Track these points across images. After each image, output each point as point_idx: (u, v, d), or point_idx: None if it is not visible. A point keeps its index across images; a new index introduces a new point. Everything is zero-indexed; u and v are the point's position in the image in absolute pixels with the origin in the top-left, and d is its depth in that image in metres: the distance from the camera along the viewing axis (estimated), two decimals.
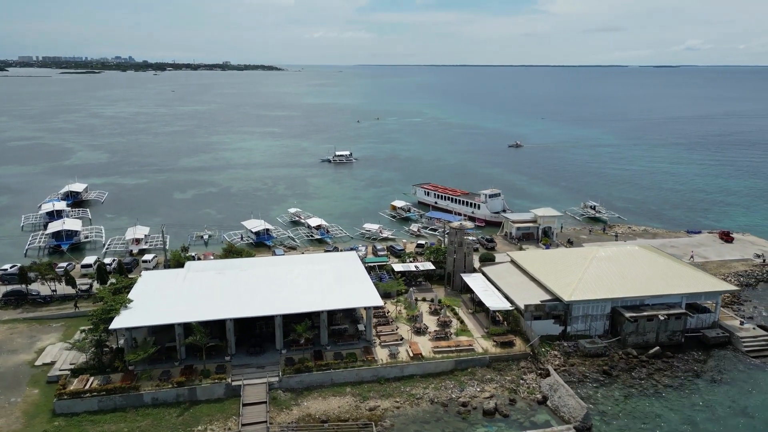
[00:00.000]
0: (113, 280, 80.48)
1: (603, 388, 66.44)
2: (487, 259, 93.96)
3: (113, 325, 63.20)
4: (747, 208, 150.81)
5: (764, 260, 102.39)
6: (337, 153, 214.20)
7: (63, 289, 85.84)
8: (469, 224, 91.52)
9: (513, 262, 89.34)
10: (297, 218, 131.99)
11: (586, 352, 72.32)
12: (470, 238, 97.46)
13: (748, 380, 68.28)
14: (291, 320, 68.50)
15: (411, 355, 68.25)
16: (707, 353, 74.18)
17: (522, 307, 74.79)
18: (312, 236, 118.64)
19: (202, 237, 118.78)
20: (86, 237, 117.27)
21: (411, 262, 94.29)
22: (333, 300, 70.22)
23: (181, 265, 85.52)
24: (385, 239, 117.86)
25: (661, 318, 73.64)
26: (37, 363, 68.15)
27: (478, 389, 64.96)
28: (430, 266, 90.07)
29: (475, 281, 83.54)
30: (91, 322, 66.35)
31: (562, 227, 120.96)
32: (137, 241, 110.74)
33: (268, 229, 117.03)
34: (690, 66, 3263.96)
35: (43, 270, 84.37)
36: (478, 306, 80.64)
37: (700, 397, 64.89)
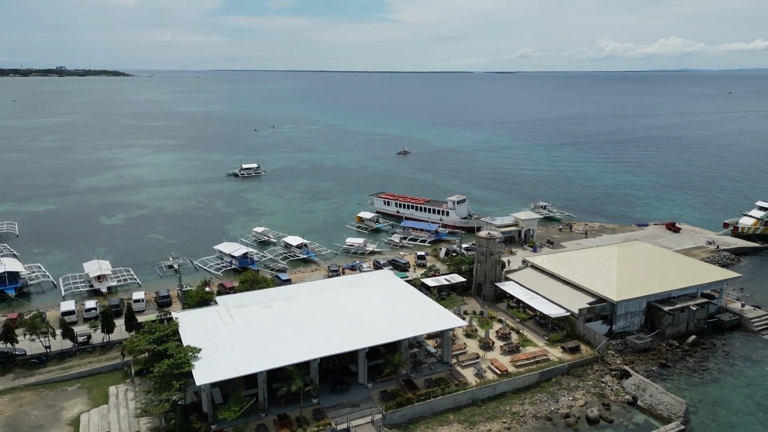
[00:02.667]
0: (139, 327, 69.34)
1: (669, 380, 70.66)
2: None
3: (201, 381, 54.26)
4: (660, 200, 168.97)
5: (717, 246, 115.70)
6: (244, 166, 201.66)
7: (58, 344, 72.18)
8: (497, 234, 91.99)
9: (534, 267, 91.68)
10: (266, 237, 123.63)
11: (636, 348, 76.42)
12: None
13: None
14: (371, 351, 64.12)
15: (499, 372, 67.20)
16: (726, 336, 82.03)
17: (576, 311, 77.08)
18: (295, 256, 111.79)
19: (172, 267, 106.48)
20: (31, 278, 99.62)
21: (433, 275, 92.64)
22: (414, 326, 66.75)
23: (206, 302, 76.10)
24: (372, 253, 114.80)
25: (693, 309, 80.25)
26: None
27: (570, 398, 65.83)
28: (460, 278, 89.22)
29: (512, 289, 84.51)
30: (156, 379, 56.46)
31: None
32: (102, 278, 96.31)
33: (246, 253, 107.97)
34: (525, 72, 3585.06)
35: (37, 324, 69.94)
36: (522, 313, 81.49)
37: (748, 378, 71.56)
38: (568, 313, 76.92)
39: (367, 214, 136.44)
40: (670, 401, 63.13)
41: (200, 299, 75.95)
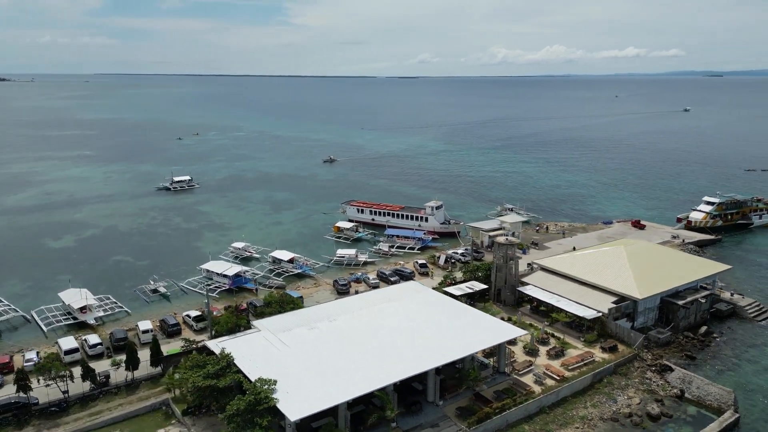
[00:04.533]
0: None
1: (699, 371, 74.73)
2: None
3: (295, 416, 49.81)
4: (608, 198, 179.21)
5: (683, 240, 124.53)
6: (176, 179, 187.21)
7: (75, 387, 63.70)
8: (515, 239, 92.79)
9: (544, 269, 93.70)
10: (248, 253, 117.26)
11: (660, 343, 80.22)
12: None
13: None
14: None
15: (557, 378, 67.77)
16: (726, 324, 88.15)
17: (606, 311, 79.59)
18: (287, 271, 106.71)
19: (156, 291, 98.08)
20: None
21: (450, 283, 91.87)
22: (480, 338, 65.60)
23: (239, 328, 70.44)
24: (365, 264, 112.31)
25: (702, 301, 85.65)
26: None
27: (625, 397, 67.77)
28: (481, 285, 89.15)
29: (536, 293, 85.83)
30: (233, 419, 51.23)
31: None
32: (86, 309, 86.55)
33: (238, 272, 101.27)
34: (426, 77, 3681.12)
35: (57, 366, 61.15)
36: (560, 315, 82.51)
37: (763, 364, 77.28)
38: (600, 314, 79.24)
39: (346, 224, 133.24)
40: (717, 391, 66.74)
41: (234, 325, 70.08)
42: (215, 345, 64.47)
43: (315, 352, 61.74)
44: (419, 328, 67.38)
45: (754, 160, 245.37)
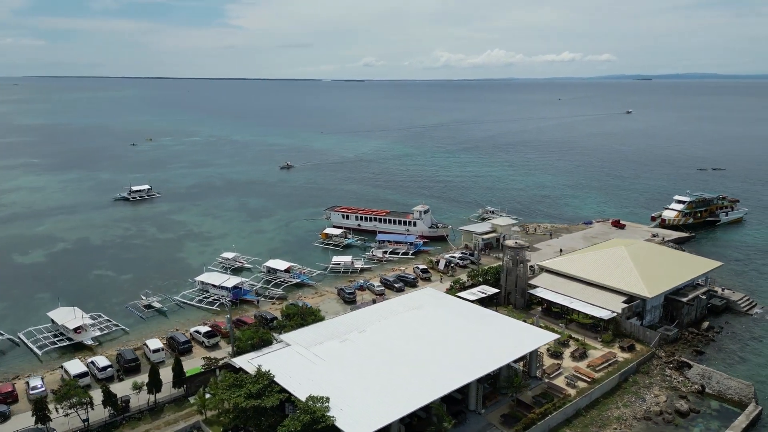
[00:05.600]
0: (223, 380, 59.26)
1: (711, 365, 77.35)
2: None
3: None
4: (578, 199, 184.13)
5: (663, 238, 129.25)
6: (135, 188, 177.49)
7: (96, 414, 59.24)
8: (524, 242, 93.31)
9: (549, 271, 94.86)
10: (239, 263, 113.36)
11: (669, 339, 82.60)
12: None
13: None
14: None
15: (588, 379, 68.47)
16: (723, 319, 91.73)
17: (619, 311, 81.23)
18: (285, 281, 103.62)
19: (150, 307, 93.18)
20: None
21: (460, 288, 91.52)
22: (514, 345, 65.23)
23: (266, 343, 67.29)
24: (362, 271, 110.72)
25: (702, 298, 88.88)
26: None
27: (652, 395, 69.23)
28: (493, 289, 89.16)
29: (548, 295, 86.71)
30: None
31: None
32: (80, 328, 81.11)
33: (237, 284, 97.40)
34: (371, 80, 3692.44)
35: (79, 393, 56.49)
36: (560, 318, 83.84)
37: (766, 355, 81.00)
38: (615, 314, 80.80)
39: (334, 231, 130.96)
40: (737, 385, 69.18)
41: (260, 340, 66.97)
42: (245, 362, 61.46)
43: (355, 366, 59.86)
44: (453, 336, 66.58)
45: (703, 160, 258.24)
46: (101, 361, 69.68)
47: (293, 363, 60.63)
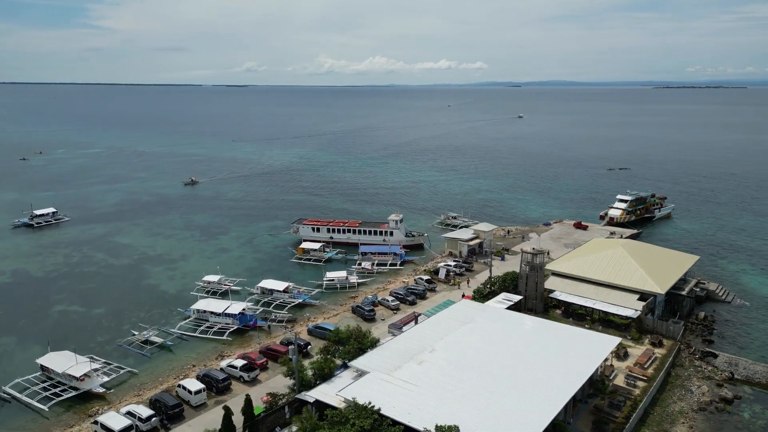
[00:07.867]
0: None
1: (725, 353, 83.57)
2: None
3: None
4: (521, 201, 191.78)
5: (621, 236, 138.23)
6: (37, 212, 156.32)
7: None
8: (544, 248, 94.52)
9: (557, 274, 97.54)
10: (225, 287, 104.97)
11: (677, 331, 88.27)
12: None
13: (756, 312, 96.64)
14: None
15: (645, 378, 70.94)
16: (711, 308, 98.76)
17: (639, 308, 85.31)
18: (285, 303, 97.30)
19: (149, 342, 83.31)
20: None
21: (484, 296, 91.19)
22: (589, 352, 65.60)
23: (330, 375, 62.22)
24: (358, 285, 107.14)
25: (696, 290, 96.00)
26: None
27: (695, 387, 73.32)
28: (516, 296, 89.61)
29: (567, 298, 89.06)
30: None
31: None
32: (85, 376, 70.37)
33: (242, 310, 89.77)
34: (254, 86, 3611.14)
35: None
36: (582, 320, 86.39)
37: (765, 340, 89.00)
38: (638, 312, 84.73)
39: (311, 245, 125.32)
40: (762, 369, 75.38)
41: (323, 374, 61.82)
42: (331, 396, 56.54)
43: (450, 390, 57.08)
44: (526, 350, 65.92)
45: (607, 160, 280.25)
46: (143, 411, 60.63)
47: (384, 392, 56.64)
